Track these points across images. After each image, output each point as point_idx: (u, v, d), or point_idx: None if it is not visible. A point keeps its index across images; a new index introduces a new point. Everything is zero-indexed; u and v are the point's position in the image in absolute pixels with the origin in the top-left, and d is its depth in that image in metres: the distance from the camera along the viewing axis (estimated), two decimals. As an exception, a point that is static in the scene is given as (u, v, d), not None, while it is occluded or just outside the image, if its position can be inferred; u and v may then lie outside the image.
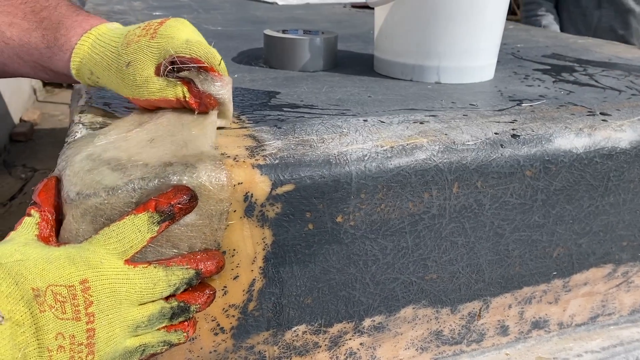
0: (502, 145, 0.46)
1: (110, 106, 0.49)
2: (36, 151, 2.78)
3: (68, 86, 3.81)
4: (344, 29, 1.05)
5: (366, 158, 0.42)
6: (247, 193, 0.39)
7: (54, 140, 2.95)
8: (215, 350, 0.43)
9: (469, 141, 0.46)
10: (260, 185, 0.39)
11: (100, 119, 0.46)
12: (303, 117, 0.50)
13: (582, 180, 0.50)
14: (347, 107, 0.53)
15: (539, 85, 0.65)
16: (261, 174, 0.39)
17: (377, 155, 0.43)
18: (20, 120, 3.08)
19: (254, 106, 0.52)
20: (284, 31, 0.72)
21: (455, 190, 0.45)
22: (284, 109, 0.52)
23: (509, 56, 0.84)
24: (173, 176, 0.37)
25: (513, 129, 0.48)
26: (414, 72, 0.66)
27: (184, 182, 0.37)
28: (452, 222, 0.46)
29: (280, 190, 0.40)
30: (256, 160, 0.40)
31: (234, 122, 0.47)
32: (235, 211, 0.39)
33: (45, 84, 3.77)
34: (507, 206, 0.48)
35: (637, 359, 0.55)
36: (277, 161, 0.40)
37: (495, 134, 0.47)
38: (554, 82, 0.68)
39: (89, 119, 0.46)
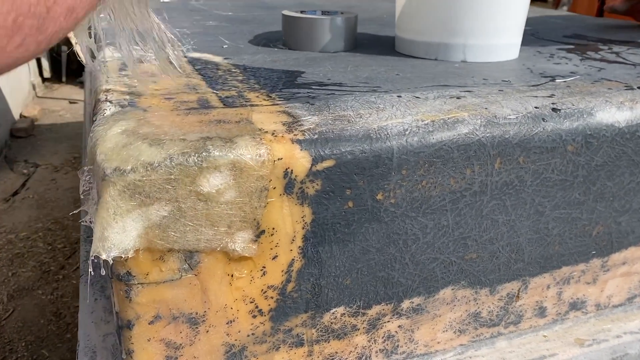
0: (543, 119, 0.45)
1: (133, 86, 0.48)
2: (38, 147, 2.76)
3: (67, 82, 3.79)
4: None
5: (407, 132, 0.41)
6: (287, 169, 0.38)
7: (56, 135, 2.93)
8: (253, 334, 0.42)
9: (510, 115, 0.44)
10: (301, 161, 0.38)
11: (127, 97, 0.44)
12: (333, 94, 0.48)
13: (623, 156, 0.48)
14: (376, 84, 0.52)
15: (566, 63, 0.64)
16: (301, 149, 0.38)
17: (419, 130, 0.41)
18: (21, 116, 3.06)
19: (281, 85, 0.51)
20: (302, 12, 0.70)
21: (497, 166, 0.44)
22: (312, 87, 0.50)
23: (529, 36, 0.82)
24: (214, 150, 0.35)
25: (553, 103, 0.47)
26: (439, 51, 0.64)
27: (226, 157, 0.35)
28: (494, 200, 0.45)
29: (320, 166, 0.38)
30: (295, 135, 0.38)
31: (264, 100, 0.45)
32: (274, 188, 0.38)
33: (44, 80, 3.75)
34: (548, 182, 0.46)
35: (677, 339, 0.54)
36: (316, 136, 0.39)
37: (536, 107, 0.46)
38: (581, 60, 0.66)
39: (116, 97, 0.44)
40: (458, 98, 0.47)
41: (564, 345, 0.52)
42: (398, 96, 0.47)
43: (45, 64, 3.65)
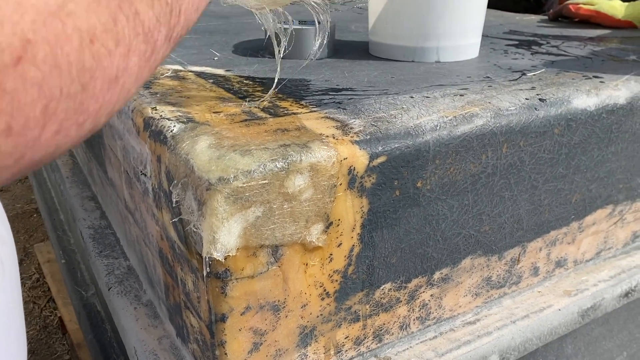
0: (535, 109, 0.53)
1: (172, 102, 0.51)
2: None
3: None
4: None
5: (438, 128, 0.48)
6: (350, 167, 0.43)
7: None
8: (321, 314, 0.47)
9: (510, 107, 0.52)
10: (361, 159, 0.44)
11: (178, 113, 0.48)
12: (353, 98, 0.54)
13: (593, 134, 0.58)
14: (382, 87, 0.58)
15: (522, 58, 0.74)
16: (360, 149, 0.44)
17: (446, 125, 0.48)
18: None
19: (302, 92, 0.56)
20: (284, 22, 0.76)
21: (504, 150, 0.52)
22: (330, 93, 0.56)
23: (476, 35, 0.92)
24: (296, 155, 0.40)
25: (538, 94, 0.56)
26: (415, 54, 0.72)
27: (306, 160, 0.41)
28: (502, 179, 0.53)
29: (375, 162, 0.45)
30: (352, 137, 0.44)
31: (299, 107, 0.51)
32: (341, 184, 0.43)
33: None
34: (540, 161, 0.55)
35: (638, 282, 0.66)
36: (369, 137, 0.45)
37: (526, 99, 0.54)
38: (531, 54, 0.76)
39: (168, 113, 0.48)
40: (461, 95, 0.55)
41: (556, 297, 0.61)
42: (410, 97, 0.54)
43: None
